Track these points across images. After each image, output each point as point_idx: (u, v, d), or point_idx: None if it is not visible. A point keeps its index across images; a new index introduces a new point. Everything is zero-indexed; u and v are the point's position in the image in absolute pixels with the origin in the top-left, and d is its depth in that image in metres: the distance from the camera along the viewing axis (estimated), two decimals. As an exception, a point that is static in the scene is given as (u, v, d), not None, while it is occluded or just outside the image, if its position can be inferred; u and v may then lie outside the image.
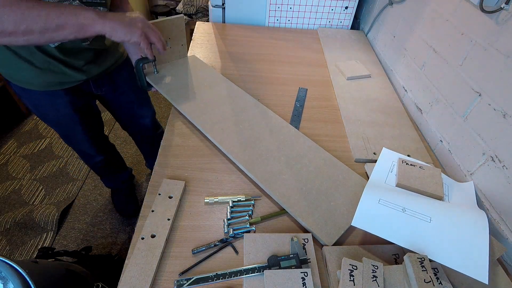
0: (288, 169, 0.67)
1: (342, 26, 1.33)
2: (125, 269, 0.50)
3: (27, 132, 1.82)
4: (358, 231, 0.60)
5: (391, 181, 0.65)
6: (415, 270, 0.47)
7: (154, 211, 0.58)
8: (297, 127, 0.82)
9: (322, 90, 0.97)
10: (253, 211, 0.62)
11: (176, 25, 0.85)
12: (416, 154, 0.75)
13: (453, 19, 0.76)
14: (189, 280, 0.49)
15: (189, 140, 0.74)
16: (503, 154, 0.60)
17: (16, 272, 0.58)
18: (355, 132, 0.81)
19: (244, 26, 1.27)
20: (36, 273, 0.61)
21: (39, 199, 1.47)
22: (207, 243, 0.55)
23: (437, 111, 0.80)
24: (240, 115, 0.79)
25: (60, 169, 1.63)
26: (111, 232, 1.38)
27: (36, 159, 1.67)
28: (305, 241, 0.55)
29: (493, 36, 0.63)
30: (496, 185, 0.61)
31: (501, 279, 0.52)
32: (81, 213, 1.44)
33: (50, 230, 1.35)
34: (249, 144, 0.72)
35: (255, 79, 0.98)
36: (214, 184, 0.66)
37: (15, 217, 1.35)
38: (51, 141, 1.78)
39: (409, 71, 0.95)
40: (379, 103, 0.92)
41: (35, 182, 1.55)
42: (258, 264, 0.51)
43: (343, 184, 0.65)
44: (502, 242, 0.58)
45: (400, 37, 1.01)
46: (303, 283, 0.48)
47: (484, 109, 0.65)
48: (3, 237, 1.31)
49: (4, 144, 1.74)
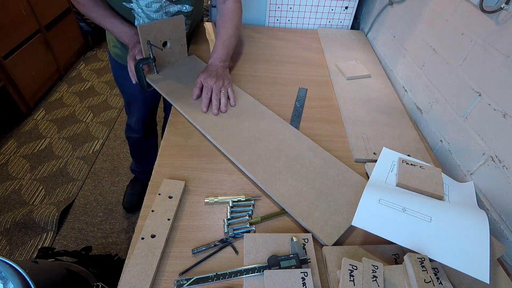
0: (288, 169, 0.67)
1: (342, 26, 1.33)
2: (125, 269, 0.50)
3: (27, 132, 1.82)
4: (358, 231, 0.60)
5: (391, 180, 0.65)
6: (415, 270, 0.47)
7: (154, 211, 0.58)
8: (297, 127, 0.82)
9: (322, 90, 0.97)
10: (253, 211, 0.62)
11: (176, 25, 0.85)
12: (416, 154, 0.75)
13: (453, 19, 0.76)
14: (189, 280, 0.49)
15: (189, 140, 0.74)
16: (503, 154, 0.60)
17: (16, 272, 0.58)
18: (355, 132, 0.81)
19: (244, 26, 1.27)
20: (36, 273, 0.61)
21: (39, 199, 1.47)
22: (207, 243, 0.55)
23: (437, 111, 0.80)
24: (240, 115, 0.79)
25: (60, 169, 1.63)
26: (111, 232, 1.38)
27: (36, 159, 1.67)
28: (305, 241, 0.55)
29: (493, 36, 0.63)
30: (496, 185, 0.61)
31: (501, 279, 0.52)
32: (81, 213, 1.44)
33: (50, 230, 1.35)
34: (249, 144, 0.72)
35: (255, 79, 0.98)
36: (214, 184, 0.65)
37: (15, 217, 1.35)
38: (51, 141, 1.78)
39: (409, 71, 0.95)
40: (379, 103, 0.92)
41: (35, 182, 1.55)
42: (258, 264, 0.51)
43: (343, 184, 0.65)
44: (502, 242, 0.58)
45: (400, 37, 1.01)
46: (303, 283, 0.48)
47: (484, 109, 0.65)
48: (3, 237, 1.31)
49: (4, 144, 1.74)
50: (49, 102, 2.06)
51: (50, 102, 2.06)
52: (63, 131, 1.86)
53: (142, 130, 1.27)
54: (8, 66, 1.71)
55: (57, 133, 1.84)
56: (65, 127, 1.88)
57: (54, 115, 1.96)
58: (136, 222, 0.56)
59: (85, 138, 1.82)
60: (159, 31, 0.82)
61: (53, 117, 1.95)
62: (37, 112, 1.97)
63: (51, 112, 1.98)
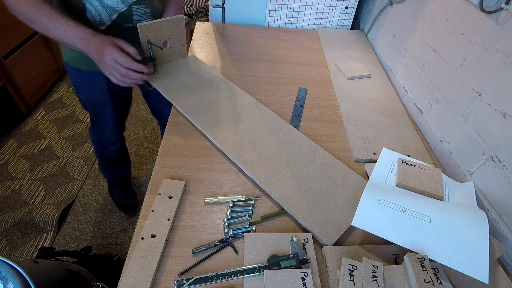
0: (288, 169, 0.67)
1: (342, 26, 1.33)
2: (125, 269, 0.50)
3: (27, 132, 1.82)
4: (358, 231, 0.60)
5: (391, 181, 0.65)
6: (415, 270, 0.47)
7: (154, 211, 0.58)
8: (297, 127, 0.82)
9: (322, 90, 0.97)
10: (253, 211, 0.62)
11: (176, 25, 0.85)
12: (416, 154, 0.75)
13: (453, 19, 0.76)
14: (189, 280, 0.49)
15: (189, 140, 0.75)
16: (503, 154, 0.60)
17: (16, 272, 0.58)
18: (355, 132, 0.81)
19: (244, 26, 1.27)
20: (36, 273, 0.61)
21: (39, 199, 1.47)
22: (207, 243, 0.55)
23: (437, 111, 0.80)
24: (240, 115, 0.79)
25: (60, 169, 1.63)
26: (111, 232, 1.38)
27: (36, 159, 1.67)
28: (305, 241, 0.55)
29: (493, 36, 0.63)
30: (496, 185, 0.61)
31: (501, 279, 0.52)
32: (81, 213, 1.44)
33: (50, 230, 1.35)
34: (249, 144, 0.72)
35: (255, 79, 0.98)
36: (214, 184, 0.66)
37: (15, 217, 1.35)
38: (51, 141, 1.78)
39: (409, 71, 0.95)
40: (379, 103, 0.92)
41: (35, 182, 1.55)
42: (258, 264, 0.51)
43: (343, 184, 0.65)
44: (502, 242, 0.58)
45: (400, 37, 1.01)
46: (303, 283, 0.48)
47: (484, 109, 0.65)
48: (3, 237, 1.31)
49: (4, 144, 1.74)
50: (49, 102, 2.06)
51: (50, 102, 2.06)
52: (63, 131, 1.86)
53: (119, 140, 1.18)
54: (8, 66, 1.71)
55: (57, 133, 1.84)
56: (65, 127, 1.88)
57: (54, 115, 1.96)
58: (136, 222, 0.56)
59: (85, 138, 1.82)
60: (158, 31, 0.82)
61: (53, 117, 1.95)
62: (37, 112, 1.96)
63: (51, 112, 1.98)
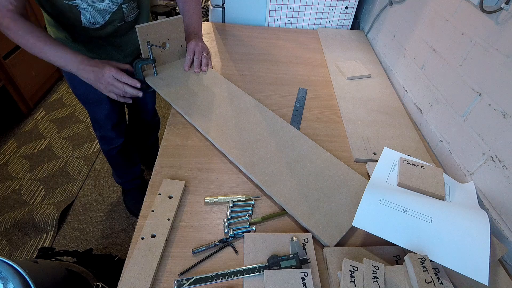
0: (289, 169, 0.67)
1: (342, 26, 1.33)
2: (125, 269, 0.50)
3: (27, 132, 1.82)
4: (359, 231, 0.60)
5: (392, 180, 0.64)
6: (416, 270, 0.47)
7: (154, 211, 0.58)
8: (298, 127, 0.82)
9: (322, 90, 0.97)
10: (253, 211, 0.62)
11: (175, 26, 0.85)
12: (416, 154, 0.75)
13: (453, 19, 0.76)
14: (189, 280, 0.49)
15: (189, 140, 0.74)
16: (503, 154, 0.60)
17: (16, 272, 0.58)
18: (355, 132, 0.81)
19: (244, 26, 1.27)
20: (36, 273, 0.61)
21: (39, 199, 1.47)
22: (207, 243, 0.55)
23: (437, 111, 0.80)
24: (240, 116, 0.79)
25: (60, 169, 1.63)
26: (111, 232, 1.38)
27: (36, 159, 1.67)
28: (305, 241, 0.55)
29: (493, 36, 0.63)
30: (496, 185, 0.61)
31: (502, 279, 0.52)
32: (81, 213, 1.44)
33: (50, 230, 1.35)
34: (250, 145, 0.71)
35: (255, 79, 0.98)
36: (214, 184, 0.65)
37: (15, 217, 1.35)
38: (51, 141, 1.78)
39: (409, 71, 0.95)
40: (379, 103, 0.92)
41: (35, 182, 1.55)
42: (258, 264, 0.51)
43: (344, 184, 0.65)
44: (503, 242, 0.58)
45: (400, 37, 1.01)
46: (303, 283, 0.48)
47: (484, 109, 0.65)
48: (3, 237, 1.31)
49: (4, 144, 1.74)
50: (49, 102, 2.06)
51: (50, 102, 2.06)
52: (63, 131, 1.86)
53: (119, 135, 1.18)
54: (8, 66, 1.71)
55: (57, 133, 1.84)
56: (65, 127, 1.88)
57: (54, 115, 1.96)
58: (136, 222, 0.56)
59: (85, 138, 1.82)
60: (157, 32, 0.82)
61: (53, 117, 1.95)
62: (37, 112, 1.96)
63: (51, 112, 1.98)
